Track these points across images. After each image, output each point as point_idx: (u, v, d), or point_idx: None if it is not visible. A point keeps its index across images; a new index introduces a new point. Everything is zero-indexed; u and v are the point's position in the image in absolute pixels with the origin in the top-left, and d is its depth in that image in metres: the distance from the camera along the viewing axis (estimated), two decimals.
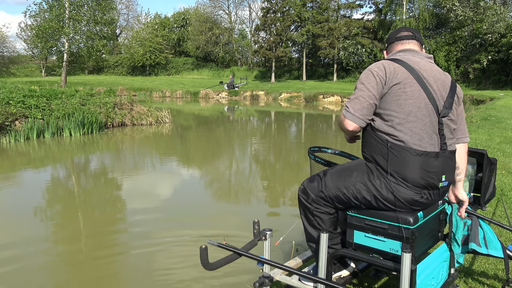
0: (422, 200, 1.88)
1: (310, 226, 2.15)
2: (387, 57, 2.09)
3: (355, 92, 1.94)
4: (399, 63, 1.92)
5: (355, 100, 1.91)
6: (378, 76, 1.89)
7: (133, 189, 6.65)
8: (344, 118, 1.93)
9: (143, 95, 27.92)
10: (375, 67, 1.93)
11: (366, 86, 1.90)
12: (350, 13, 37.73)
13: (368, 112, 1.90)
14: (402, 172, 1.85)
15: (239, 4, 60.40)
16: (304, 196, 2.12)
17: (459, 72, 27.34)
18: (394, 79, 1.88)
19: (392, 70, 1.89)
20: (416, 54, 2.02)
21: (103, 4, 26.10)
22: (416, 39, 2.09)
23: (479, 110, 13.16)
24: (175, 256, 4.07)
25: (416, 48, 2.06)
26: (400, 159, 1.85)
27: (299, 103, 25.02)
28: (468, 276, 2.55)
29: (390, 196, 1.87)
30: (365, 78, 1.93)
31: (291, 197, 6.19)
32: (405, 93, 1.87)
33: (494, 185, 2.45)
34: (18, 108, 11.07)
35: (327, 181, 2.05)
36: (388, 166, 1.87)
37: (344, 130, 1.98)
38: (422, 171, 1.84)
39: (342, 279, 2.16)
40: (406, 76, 1.88)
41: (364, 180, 1.94)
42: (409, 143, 1.85)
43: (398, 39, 2.11)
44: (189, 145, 11.26)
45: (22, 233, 4.66)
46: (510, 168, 5.21)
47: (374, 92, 1.89)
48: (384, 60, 1.97)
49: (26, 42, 39.74)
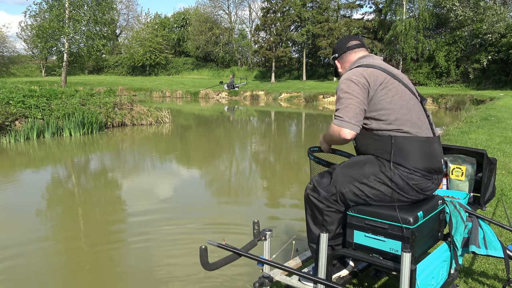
0: (433, 186, 1.99)
1: (315, 226, 2.10)
2: (351, 65, 2.16)
3: (342, 102, 1.96)
4: (371, 67, 2.02)
5: (345, 108, 1.94)
6: (360, 83, 1.96)
7: (132, 189, 6.65)
8: (339, 128, 1.94)
9: (143, 95, 27.91)
10: (352, 75, 2.00)
11: (352, 94, 1.95)
12: (350, 13, 37.81)
13: (361, 118, 1.96)
14: (413, 161, 1.92)
15: (239, 4, 60.52)
16: (315, 194, 2.07)
17: (459, 72, 27.34)
18: (376, 82, 1.97)
19: (370, 74, 1.98)
20: (374, 58, 2.15)
21: (103, 4, 26.10)
22: (364, 47, 2.24)
23: (479, 110, 13.16)
24: (175, 256, 4.07)
25: (369, 54, 2.21)
26: (409, 149, 1.92)
27: (299, 103, 25.02)
28: (468, 276, 2.55)
29: (406, 186, 1.92)
30: (347, 87, 1.97)
31: (291, 197, 6.20)
32: (390, 90, 1.97)
33: (494, 185, 2.45)
34: (18, 108, 11.07)
35: (338, 176, 2.03)
36: (395, 158, 1.93)
37: (339, 140, 2.00)
38: (431, 156, 1.95)
39: (342, 279, 2.16)
40: (384, 76, 1.99)
41: (377, 173, 1.96)
42: (414, 133, 1.94)
43: (349, 49, 2.23)
44: (189, 145, 11.26)
45: (22, 233, 4.66)
46: (510, 168, 5.21)
47: (361, 98, 1.95)
48: (357, 68, 2.05)
49: (26, 42, 39.83)
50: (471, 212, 2.21)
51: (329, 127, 2.04)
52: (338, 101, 1.99)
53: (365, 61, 2.11)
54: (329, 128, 2.06)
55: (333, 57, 2.32)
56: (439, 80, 28.01)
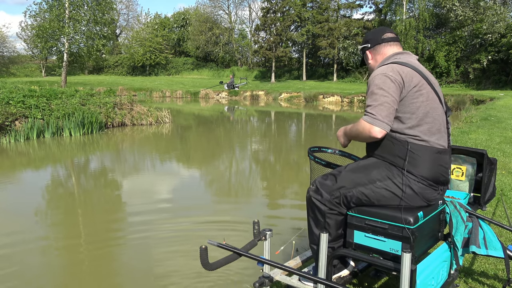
0: (438, 196, 1.98)
1: (317, 228, 2.07)
2: (385, 60, 2.09)
3: (376, 98, 1.89)
4: (408, 66, 1.95)
5: (380, 106, 1.87)
6: (396, 81, 1.89)
7: (132, 188, 6.65)
8: (371, 126, 1.87)
9: (143, 95, 27.91)
10: (390, 71, 1.92)
11: (388, 92, 1.88)
12: (350, 13, 37.79)
13: (393, 117, 1.90)
14: (423, 170, 1.90)
15: (239, 4, 60.47)
16: (318, 197, 2.03)
17: (459, 72, 27.33)
18: (411, 83, 1.91)
19: (406, 73, 1.92)
20: (411, 56, 2.08)
21: (103, 4, 26.10)
22: (399, 41, 2.17)
23: (479, 110, 13.16)
24: (175, 256, 4.07)
25: (406, 51, 2.12)
26: (422, 158, 1.90)
27: (299, 103, 25.02)
28: (468, 276, 2.55)
29: (413, 194, 1.91)
30: (383, 83, 1.89)
31: (291, 197, 6.20)
32: (421, 95, 1.92)
33: (494, 185, 2.45)
34: (18, 108, 11.07)
35: (343, 180, 2.00)
36: (406, 165, 1.90)
37: (367, 138, 1.93)
38: (441, 167, 1.94)
39: (342, 279, 2.15)
40: (419, 79, 1.94)
41: (384, 179, 1.94)
42: (431, 142, 1.92)
43: (384, 41, 2.13)
44: (189, 145, 11.26)
45: (22, 233, 4.66)
46: (510, 168, 5.21)
47: (396, 97, 1.89)
48: (394, 64, 1.97)
49: (26, 42, 39.83)
50: (471, 212, 2.21)
51: (358, 123, 1.96)
52: (371, 97, 1.91)
53: (402, 58, 2.04)
54: (357, 123, 1.98)
55: (364, 46, 2.21)
56: (439, 80, 27.97)
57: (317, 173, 2.44)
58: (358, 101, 23.80)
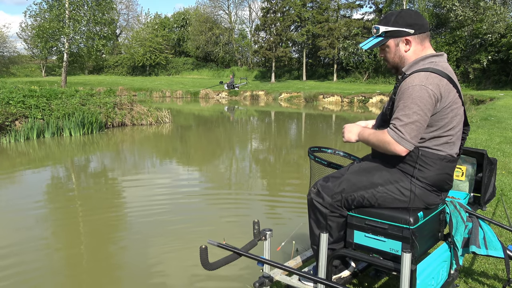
0: (439, 201, 1.98)
1: (318, 229, 2.05)
2: (419, 59, 1.89)
3: (408, 114, 1.76)
4: (445, 77, 1.82)
5: (411, 125, 1.77)
6: (434, 96, 1.77)
7: (132, 188, 6.65)
8: (396, 144, 1.79)
9: (143, 95, 27.91)
10: (430, 85, 1.77)
11: (423, 109, 1.76)
12: (350, 13, 37.80)
13: (420, 135, 1.83)
14: (428, 176, 1.89)
15: (239, 4, 60.63)
16: (319, 199, 2.01)
17: (459, 72, 27.33)
18: (447, 99, 1.82)
19: (445, 87, 1.80)
20: (444, 59, 1.92)
21: (103, 4, 26.10)
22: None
23: (479, 110, 13.16)
24: (175, 256, 4.07)
25: (439, 53, 1.94)
26: (431, 165, 1.88)
27: (299, 103, 25.01)
28: (468, 276, 2.55)
29: (416, 199, 1.90)
30: (420, 98, 1.76)
31: (291, 197, 6.19)
32: (452, 111, 1.85)
33: (494, 185, 2.45)
34: (18, 108, 11.07)
35: (344, 183, 1.98)
36: (414, 171, 1.88)
37: (389, 151, 1.84)
38: (447, 175, 1.93)
39: (342, 279, 2.16)
40: (454, 95, 1.84)
41: (386, 183, 1.93)
42: (444, 151, 1.89)
43: (428, 30, 1.91)
44: (189, 145, 11.26)
45: (22, 233, 4.66)
46: (510, 168, 5.21)
47: (429, 115, 1.80)
48: (433, 74, 1.80)
49: (26, 42, 39.83)
50: (471, 212, 2.21)
51: (382, 134, 1.86)
52: (404, 110, 1.77)
53: (439, 63, 1.87)
54: (380, 133, 1.89)
55: (401, 31, 1.88)
56: None
57: (317, 174, 2.44)
58: (358, 101, 23.81)
